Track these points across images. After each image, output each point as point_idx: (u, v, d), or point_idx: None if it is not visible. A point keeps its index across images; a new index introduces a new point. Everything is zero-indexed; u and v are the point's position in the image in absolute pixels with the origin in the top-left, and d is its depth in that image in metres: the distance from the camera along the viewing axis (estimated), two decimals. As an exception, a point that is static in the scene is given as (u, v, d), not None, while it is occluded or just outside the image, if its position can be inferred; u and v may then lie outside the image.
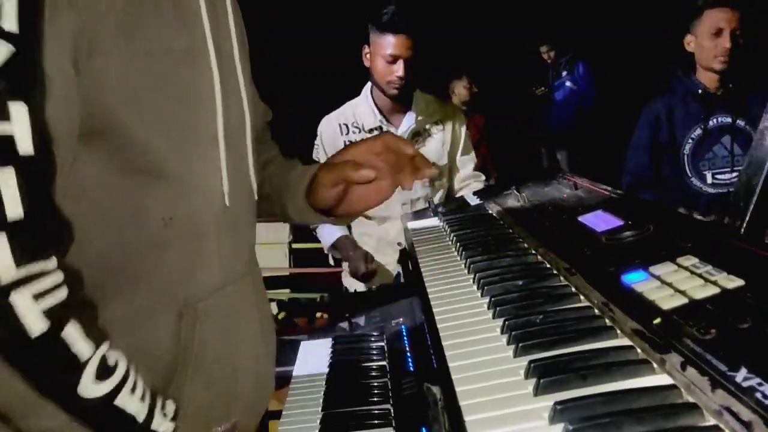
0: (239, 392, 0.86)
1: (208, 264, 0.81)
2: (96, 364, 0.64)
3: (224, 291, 0.84)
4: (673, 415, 0.48)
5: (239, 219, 0.88)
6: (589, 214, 1.00)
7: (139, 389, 0.67)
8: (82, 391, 0.62)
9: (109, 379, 0.65)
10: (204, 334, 0.80)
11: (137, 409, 0.67)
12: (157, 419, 0.68)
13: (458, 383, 0.63)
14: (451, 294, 0.89)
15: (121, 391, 0.65)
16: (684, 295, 0.63)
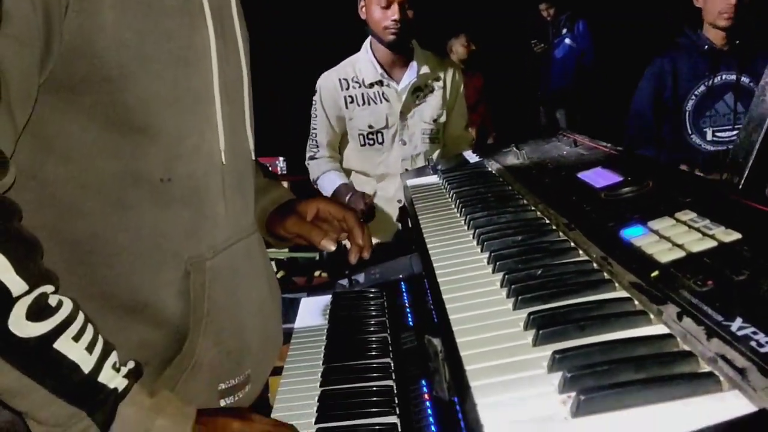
0: (249, 348, 0.87)
1: (215, 223, 0.82)
2: (29, 301, 0.61)
3: (232, 249, 0.85)
4: (669, 362, 0.49)
5: (241, 178, 0.88)
6: (588, 170, 1.00)
7: (87, 338, 0.65)
8: (13, 328, 0.60)
9: (47, 321, 0.62)
10: (213, 292, 0.80)
11: (81, 358, 0.64)
12: (107, 372, 0.65)
13: (459, 334, 0.64)
14: (451, 249, 0.89)
15: (62, 335, 0.63)
16: (682, 249, 0.64)
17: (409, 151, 2.25)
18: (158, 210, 0.75)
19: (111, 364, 0.66)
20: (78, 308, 0.66)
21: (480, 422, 0.49)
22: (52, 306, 0.63)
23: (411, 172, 1.59)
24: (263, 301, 0.92)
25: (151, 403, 0.69)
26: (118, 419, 0.66)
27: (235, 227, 0.86)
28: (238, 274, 0.86)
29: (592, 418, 0.46)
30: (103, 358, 0.66)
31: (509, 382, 0.54)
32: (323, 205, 1.14)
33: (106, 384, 0.65)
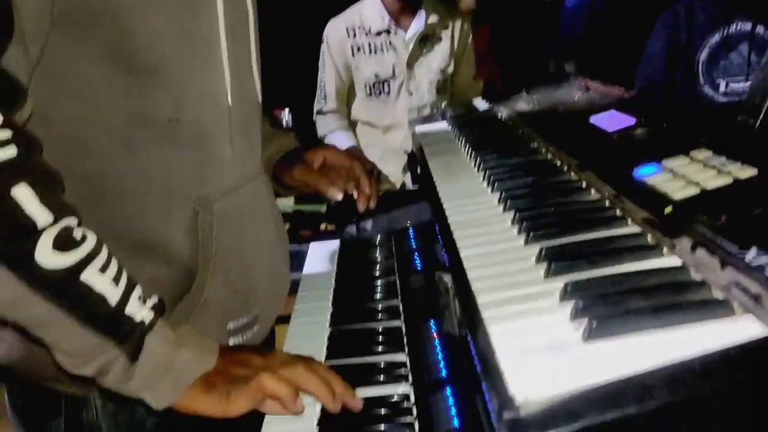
0: (257, 288, 0.88)
1: (222, 165, 0.82)
2: (55, 232, 0.61)
3: (239, 192, 0.85)
4: (682, 291, 0.50)
5: (248, 121, 0.88)
6: (600, 114, 0.99)
7: (112, 271, 0.66)
8: (40, 260, 0.60)
9: (73, 251, 0.62)
10: (221, 233, 0.81)
11: (107, 289, 0.64)
12: (133, 304, 0.66)
13: (470, 269, 0.64)
14: (461, 191, 0.89)
15: (88, 267, 0.63)
16: (697, 186, 0.63)
17: (416, 102, 2.23)
18: (166, 151, 0.75)
19: (137, 297, 0.67)
20: (101, 242, 0.67)
21: (492, 349, 0.50)
22: (77, 238, 0.64)
23: (419, 119, 1.58)
24: (270, 243, 0.93)
25: (174, 337, 0.70)
26: (144, 351, 0.67)
27: (241, 170, 0.86)
28: (246, 216, 0.86)
29: (603, 343, 0.47)
30: (129, 290, 0.67)
31: (521, 312, 0.54)
32: (330, 153, 1.15)
33: (132, 316, 0.66)
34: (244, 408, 0.70)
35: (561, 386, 0.43)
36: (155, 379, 0.67)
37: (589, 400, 0.41)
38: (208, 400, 0.69)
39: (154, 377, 0.67)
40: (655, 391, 0.40)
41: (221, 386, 0.70)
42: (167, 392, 0.68)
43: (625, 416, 0.40)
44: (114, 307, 0.65)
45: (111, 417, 0.80)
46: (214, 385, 0.70)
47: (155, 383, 0.67)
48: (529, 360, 0.47)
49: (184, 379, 0.69)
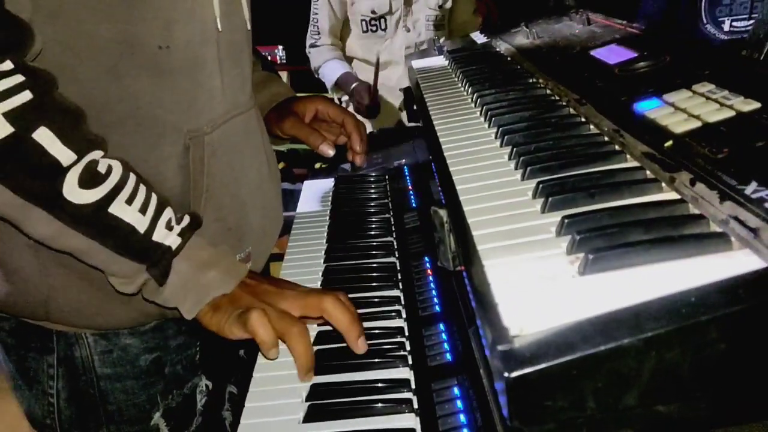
0: (250, 224, 0.88)
1: (212, 95, 0.80)
2: (80, 169, 0.64)
3: (230, 124, 0.84)
4: (680, 224, 0.49)
5: (238, 49, 0.85)
6: (602, 48, 0.96)
7: (139, 200, 0.68)
8: (69, 196, 0.63)
9: (100, 187, 0.65)
10: (212, 167, 0.80)
11: (135, 219, 0.68)
12: (160, 231, 0.70)
13: (466, 203, 0.64)
14: (458, 126, 0.87)
15: (115, 200, 0.66)
16: (698, 119, 0.62)
17: (413, 38, 2.18)
18: (156, 80, 0.73)
19: (165, 223, 0.70)
20: (129, 170, 0.69)
21: (487, 282, 0.49)
22: (102, 172, 0.66)
23: (416, 54, 1.54)
24: (262, 179, 0.92)
25: (207, 256, 0.74)
26: (173, 273, 0.71)
27: (232, 101, 0.84)
28: (236, 149, 0.85)
29: (599, 276, 0.46)
30: (156, 217, 0.70)
31: (517, 246, 0.54)
32: (322, 106, 1.14)
33: (161, 242, 0.70)
34: (236, 335, 0.72)
35: (556, 319, 0.43)
36: (180, 297, 0.72)
37: (583, 332, 0.41)
38: (211, 319, 0.74)
39: (179, 295, 0.72)
40: (649, 322, 0.40)
41: (225, 310, 0.74)
42: (190, 307, 0.73)
43: (619, 347, 0.40)
44: (142, 235, 0.69)
45: (103, 354, 0.82)
46: (220, 307, 0.74)
47: (180, 299, 0.73)
48: (523, 293, 0.47)
49: (201, 298, 0.73)
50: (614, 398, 0.41)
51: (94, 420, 0.84)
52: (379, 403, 0.69)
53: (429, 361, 0.74)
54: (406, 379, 0.72)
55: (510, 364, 0.41)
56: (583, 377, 0.40)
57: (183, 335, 0.87)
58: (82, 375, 0.82)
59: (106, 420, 0.84)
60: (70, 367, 0.82)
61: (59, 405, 0.83)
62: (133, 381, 0.84)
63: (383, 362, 0.75)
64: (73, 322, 0.79)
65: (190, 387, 0.89)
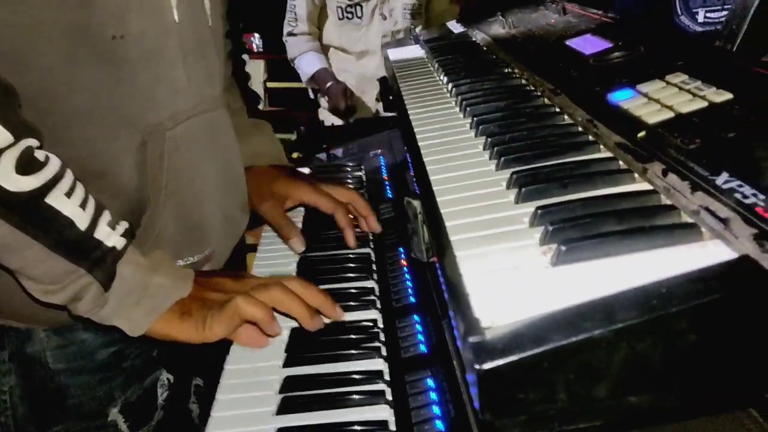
0: (211, 224, 0.85)
1: (174, 89, 0.77)
2: (16, 154, 0.59)
3: (194, 121, 0.80)
4: (651, 215, 0.49)
5: (202, 43, 0.82)
6: (577, 37, 0.96)
7: (78, 195, 0.64)
8: (2, 181, 0.58)
9: (37, 174, 0.60)
10: (172, 163, 0.77)
11: (75, 213, 0.63)
12: (102, 229, 0.65)
13: (439, 193, 0.63)
14: (433, 115, 0.87)
15: (53, 190, 0.61)
16: (671, 110, 0.62)
17: (390, 27, 2.17)
18: (113, 70, 0.70)
19: (106, 222, 0.65)
20: (65, 165, 0.64)
21: (459, 273, 0.49)
22: (40, 160, 0.61)
23: (392, 43, 1.53)
24: (226, 179, 0.89)
25: (147, 263, 0.68)
26: (118, 277, 0.65)
27: (197, 97, 0.81)
28: (200, 147, 0.82)
29: (571, 266, 0.46)
30: (98, 215, 0.65)
31: (490, 236, 0.54)
32: (309, 197, 1.00)
33: (103, 241, 0.64)
34: (221, 333, 0.70)
35: (528, 310, 0.43)
36: (129, 306, 0.66)
37: (554, 324, 0.41)
38: (183, 327, 0.69)
39: (127, 304, 0.66)
40: (620, 313, 0.40)
41: (197, 312, 0.70)
42: (142, 319, 0.67)
43: (590, 338, 0.39)
44: (83, 232, 0.63)
45: (58, 349, 0.78)
46: (190, 311, 0.70)
47: (129, 310, 0.66)
48: (496, 284, 0.47)
49: (158, 306, 0.68)
50: (585, 390, 0.41)
51: (50, 416, 0.81)
52: (353, 394, 0.68)
53: (403, 353, 0.74)
54: (380, 370, 0.72)
55: (481, 357, 0.40)
56: (555, 369, 0.40)
57: None
58: (36, 371, 0.78)
59: (62, 416, 0.80)
60: (23, 364, 0.78)
61: (13, 402, 0.79)
62: (90, 376, 0.80)
63: (357, 354, 0.74)
64: (23, 317, 0.75)
65: (150, 381, 0.86)
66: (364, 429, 0.64)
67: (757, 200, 0.44)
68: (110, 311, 0.66)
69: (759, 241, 0.41)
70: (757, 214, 0.43)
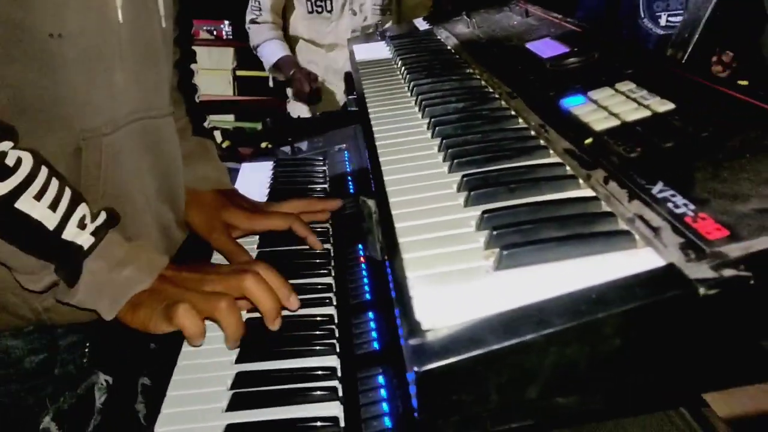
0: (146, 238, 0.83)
1: (111, 93, 0.75)
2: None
3: (136, 126, 0.79)
4: (590, 222, 0.51)
5: (150, 47, 0.80)
6: (537, 41, 0.98)
7: (50, 195, 0.65)
8: None
9: (7, 180, 0.62)
10: (111, 172, 0.75)
11: (44, 216, 0.64)
12: (71, 229, 0.66)
13: (392, 194, 0.64)
14: (393, 115, 0.88)
15: (23, 195, 0.63)
16: (617, 118, 0.64)
17: (359, 22, 2.17)
18: (46, 70, 0.68)
19: (77, 221, 0.66)
20: (40, 163, 0.65)
21: (405, 275, 0.50)
22: (10, 165, 0.62)
23: (359, 38, 1.53)
24: (164, 190, 0.87)
25: (123, 254, 0.70)
26: (86, 273, 0.67)
27: (140, 103, 0.79)
28: (140, 155, 0.80)
29: (512, 271, 0.48)
30: (68, 215, 0.66)
31: (438, 239, 0.55)
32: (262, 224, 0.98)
33: (71, 241, 0.66)
34: (163, 329, 0.70)
35: (468, 314, 0.44)
36: (94, 298, 0.69)
37: (490, 327, 0.42)
38: (134, 317, 0.71)
39: (92, 296, 0.69)
40: (552, 318, 0.42)
41: (148, 305, 0.71)
42: (107, 308, 0.70)
43: (521, 343, 0.41)
44: (51, 232, 0.65)
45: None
46: (141, 304, 0.71)
47: (95, 300, 0.69)
48: (439, 287, 0.48)
49: (118, 298, 0.70)
50: (516, 391, 0.42)
51: None
52: (306, 391, 0.69)
53: (356, 350, 0.75)
54: (333, 367, 0.72)
55: (419, 358, 0.42)
56: (488, 372, 0.41)
57: (73, 334, 0.81)
58: None
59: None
60: None
61: None
62: (17, 384, 0.78)
63: (311, 350, 0.75)
64: None
65: (85, 387, 0.83)
66: (314, 425, 0.65)
67: (687, 210, 0.46)
68: (81, 300, 0.69)
69: (684, 250, 0.43)
70: (685, 224, 0.45)
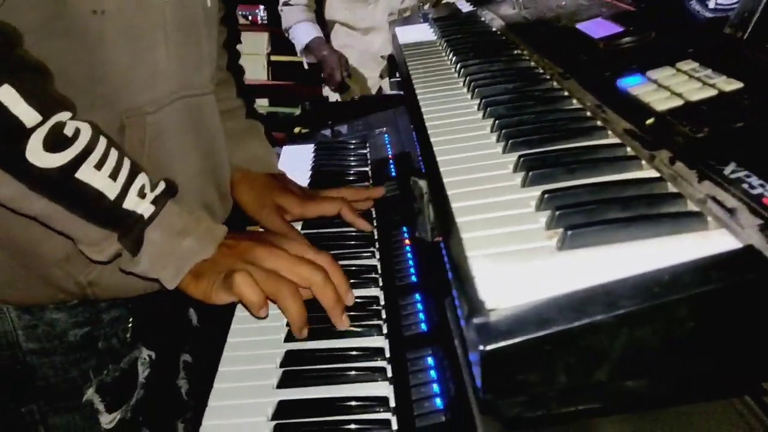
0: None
1: (154, 72, 0.75)
2: (44, 132, 0.61)
3: (176, 106, 0.79)
4: (657, 203, 0.49)
5: (193, 23, 0.80)
6: (588, 21, 0.96)
7: (110, 165, 0.65)
8: (33, 160, 0.60)
9: (66, 151, 0.62)
10: (153, 150, 0.76)
11: (104, 185, 0.65)
12: (131, 199, 0.67)
13: (446, 174, 0.63)
14: (441, 96, 0.87)
15: (83, 165, 0.63)
16: (680, 98, 0.62)
17: (396, 5, 2.15)
18: (89, 48, 0.69)
19: (137, 190, 0.67)
20: (98, 133, 0.65)
21: (465, 255, 0.49)
22: (69, 135, 0.62)
23: (400, 21, 1.52)
24: (207, 167, 0.88)
25: (182, 224, 0.71)
26: (147, 243, 0.68)
27: (183, 81, 0.79)
28: (182, 133, 0.81)
29: (576, 252, 0.46)
30: (128, 184, 0.67)
31: (496, 219, 0.54)
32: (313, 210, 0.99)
33: (132, 210, 0.67)
34: (223, 300, 0.71)
35: (532, 294, 0.43)
36: (158, 267, 0.70)
37: (557, 307, 0.41)
38: (196, 287, 0.72)
39: (156, 265, 0.70)
40: (622, 300, 0.40)
41: (208, 275, 0.72)
42: (170, 277, 0.71)
43: (592, 323, 0.40)
44: (112, 202, 0.66)
45: (28, 329, 0.78)
46: (202, 273, 0.72)
47: (159, 270, 0.70)
48: (501, 267, 0.47)
49: (180, 268, 0.71)
50: (585, 373, 0.41)
51: (22, 395, 0.80)
52: (354, 370, 0.69)
53: (404, 331, 0.75)
54: (380, 347, 0.72)
55: (485, 337, 0.41)
56: (557, 353, 0.40)
57: (117, 308, 0.83)
58: (5, 350, 0.78)
59: (34, 395, 0.80)
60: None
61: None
62: (62, 356, 0.80)
63: (358, 331, 0.75)
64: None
65: (128, 361, 0.85)
66: (363, 404, 0.65)
67: (764, 191, 0.45)
68: (145, 269, 0.70)
69: (765, 231, 0.41)
70: (763, 205, 0.43)
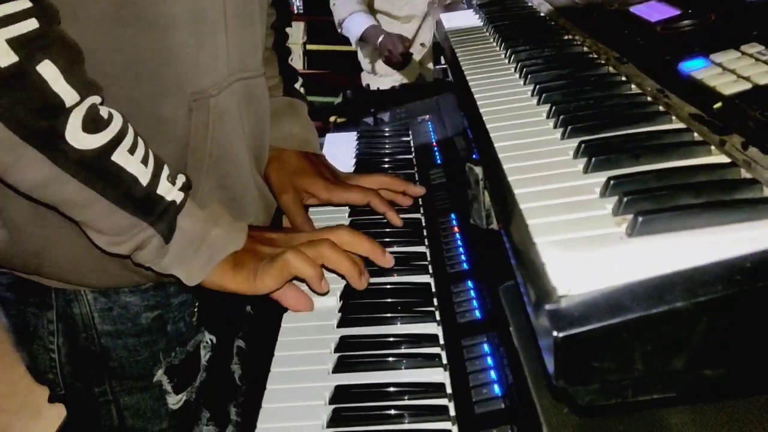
0: (253, 196, 0.86)
1: (216, 55, 0.76)
2: (83, 112, 0.60)
3: (236, 87, 0.80)
4: (731, 189, 0.48)
5: (248, 7, 0.81)
6: (642, 4, 0.93)
7: (140, 152, 0.65)
8: (71, 139, 0.59)
9: (103, 132, 0.61)
10: (217, 132, 0.76)
11: (138, 170, 0.64)
12: (164, 184, 0.66)
13: (504, 161, 0.62)
14: (492, 82, 0.86)
15: (119, 148, 0.63)
16: (748, 81, 0.60)
17: (436, -9, 2.13)
18: (156, 32, 0.69)
19: (166, 177, 0.67)
20: (126, 120, 0.65)
21: (532, 241, 0.49)
22: (105, 117, 0.62)
23: (441, 8, 1.51)
24: (256, 149, 0.88)
25: (205, 215, 0.71)
26: (178, 229, 0.67)
27: (239, 64, 0.80)
28: (239, 115, 0.81)
29: (648, 238, 0.45)
30: (158, 171, 0.66)
31: (560, 205, 0.53)
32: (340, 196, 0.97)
33: (164, 196, 0.66)
34: (271, 286, 0.71)
35: (604, 280, 0.42)
36: (188, 256, 0.69)
37: (633, 294, 0.41)
38: (236, 278, 0.71)
39: (187, 254, 0.69)
40: (702, 287, 0.40)
41: (249, 264, 0.72)
42: (199, 268, 0.70)
43: (671, 311, 0.39)
44: (146, 188, 0.65)
45: (103, 311, 0.79)
46: (243, 262, 0.72)
47: (188, 260, 0.69)
48: (570, 253, 0.46)
49: (215, 256, 0.70)
50: (662, 362, 0.41)
51: (96, 375, 0.82)
52: (409, 357, 0.69)
53: (457, 318, 0.74)
54: (434, 334, 0.72)
55: (558, 324, 0.40)
56: (633, 340, 0.40)
57: (184, 293, 0.84)
58: (82, 332, 0.80)
59: (108, 375, 0.82)
60: (70, 324, 0.79)
61: (60, 360, 0.81)
62: (134, 338, 0.81)
63: (411, 317, 0.75)
64: (67, 278, 0.76)
65: (193, 344, 0.87)
66: (420, 390, 0.65)
67: None
68: (170, 261, 0.68)
69: None
70: None
